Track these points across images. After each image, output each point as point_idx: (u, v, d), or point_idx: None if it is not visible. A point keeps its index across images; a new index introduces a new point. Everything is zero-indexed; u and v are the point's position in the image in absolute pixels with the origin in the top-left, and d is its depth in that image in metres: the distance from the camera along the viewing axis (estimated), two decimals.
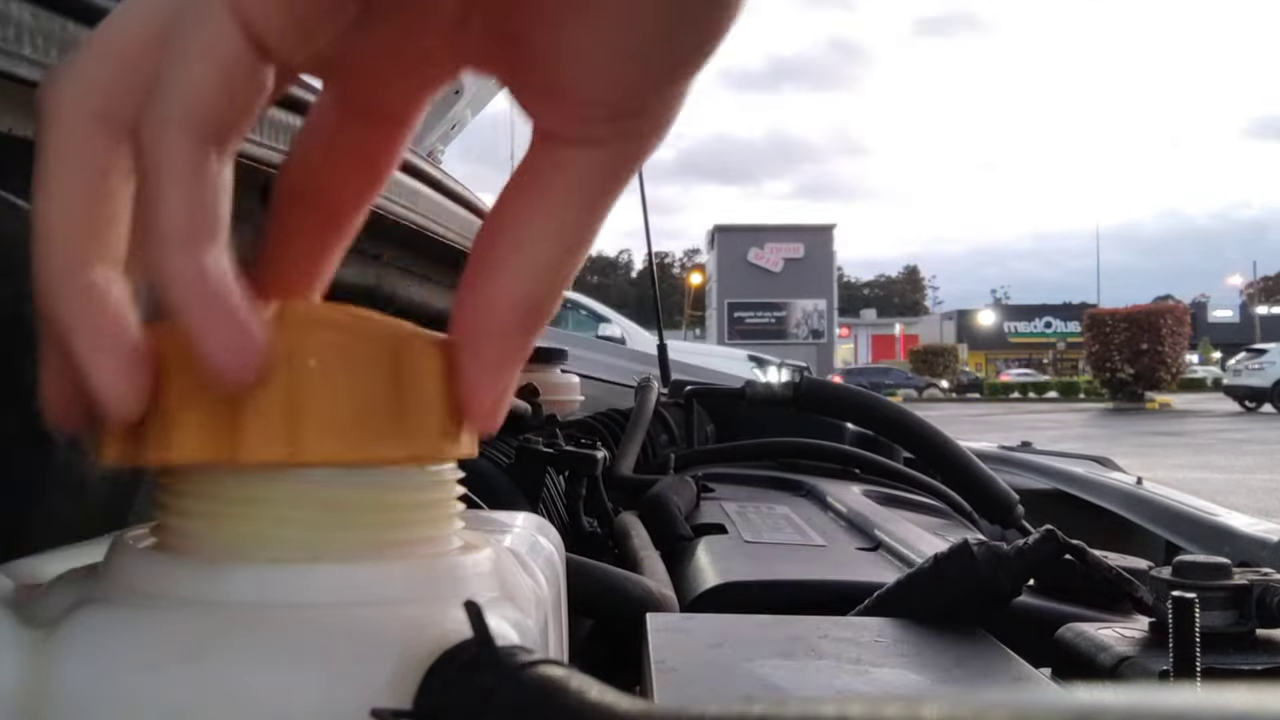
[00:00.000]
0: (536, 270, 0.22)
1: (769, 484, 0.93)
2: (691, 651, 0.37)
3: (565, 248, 0.22)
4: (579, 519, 0.75)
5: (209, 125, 0.19)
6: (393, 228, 0.58)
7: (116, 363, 0.19)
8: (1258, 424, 14.15)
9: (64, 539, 0.27)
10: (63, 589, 0.21)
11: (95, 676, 0.18)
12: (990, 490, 0.92)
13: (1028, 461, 1.33)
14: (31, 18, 0.27)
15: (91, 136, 0.19)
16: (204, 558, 0.20)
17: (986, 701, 0.12)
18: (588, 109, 0.21)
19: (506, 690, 0.17)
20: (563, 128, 0.21)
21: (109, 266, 0.19)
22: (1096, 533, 1.08)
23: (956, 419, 15.09)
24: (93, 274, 0.19)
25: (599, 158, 0.21)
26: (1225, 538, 0.88)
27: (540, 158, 0.22)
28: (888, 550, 0.63)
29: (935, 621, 0.43)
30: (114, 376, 0.19)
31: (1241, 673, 0.39)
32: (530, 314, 0.22)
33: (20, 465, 0.29)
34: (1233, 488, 6.15)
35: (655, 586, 0.52)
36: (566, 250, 0.22)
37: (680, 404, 1.29)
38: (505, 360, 0.22)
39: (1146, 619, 0.43)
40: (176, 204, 0.18)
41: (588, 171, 0.21)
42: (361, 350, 0.20)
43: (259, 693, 0.18)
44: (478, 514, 0.34)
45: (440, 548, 0.22)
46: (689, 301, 35.13)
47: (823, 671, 0.36)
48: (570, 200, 0.22)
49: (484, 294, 0.22)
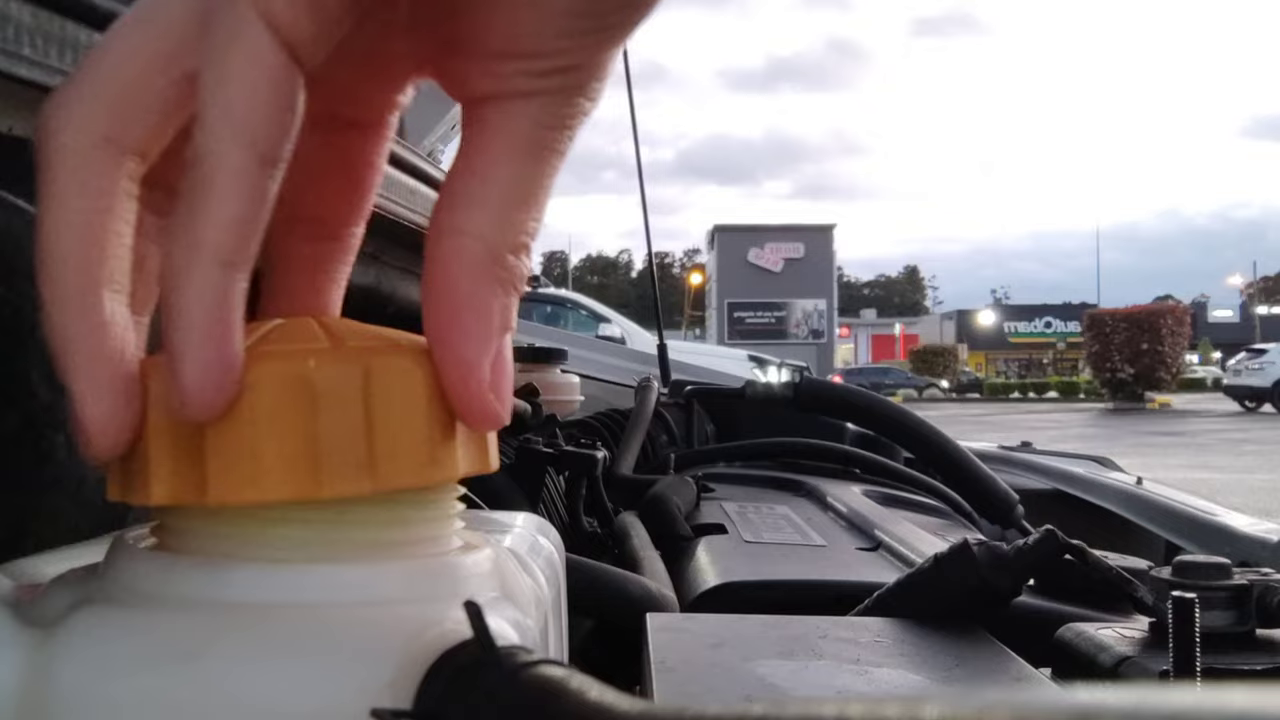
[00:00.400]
0: (490, 224, 0.21)
1: (769, 484, 0.93)
2: (691, 651, 0.38)
3: (516, 201, 0.21)
4: (579, 519, 0.75)
5: (263, 140, 0.19)
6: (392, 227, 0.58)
7: (103, 397, 0.19)
8: (1258, 424, 14.15)
9: (64, 539, 0.27)
10: (63, 589, 0.21)
11: (95, 676, 0.18)
12: (990, 490, 0.92)
13: (1028, 461, 1.33)
14: (31, 18, 0.27)
15: (96, 160, 0.19)
16: (204, 558, 0.20)
17: (986, 701, 0.12)
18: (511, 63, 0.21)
19: (506, 690, 0.17)
20: (490, 86, 0.21)
21: (111, 292, 0.19)
22: (1096, 533, 1.08)
23: (956, 419, 15.09)
24: (92, 301, 0.19)
25: (529, 108, 0.21)
26: (1225, 538, 0.88)
27: (472, 123, 0.22)
28: (888, 550, 0.63)
29: (935, 621, 0.43)
30: (98, 410, 0.19)
31: (1241, 673, 0.39)
32: (495, 270, 0.21)
33: (20, 465, 0.29)
34: (1233, 488, 6.16)
35: (655, 586, 0.52)
36: (518, 203, 0.21)
37: (680, 404, 1.29)
38: (482, 333, 0.21)
39: (1146, 619, 0.43)
40: (222, 218, 0.18)
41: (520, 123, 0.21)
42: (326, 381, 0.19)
43: (259, 693, 0.18)
44: (478, 514, 0.34)
45: (440, 548, 0.22)
46: (689, 301, 35.13)
47: (823, 671, 0.36)
48: (509, 152, 0.21)
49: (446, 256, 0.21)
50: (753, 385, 1.12)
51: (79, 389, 0.19)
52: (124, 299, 0.20)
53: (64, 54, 0.28)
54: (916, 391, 29.82)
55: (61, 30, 0.29)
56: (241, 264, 0.19)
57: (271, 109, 0.19)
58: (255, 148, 0.18)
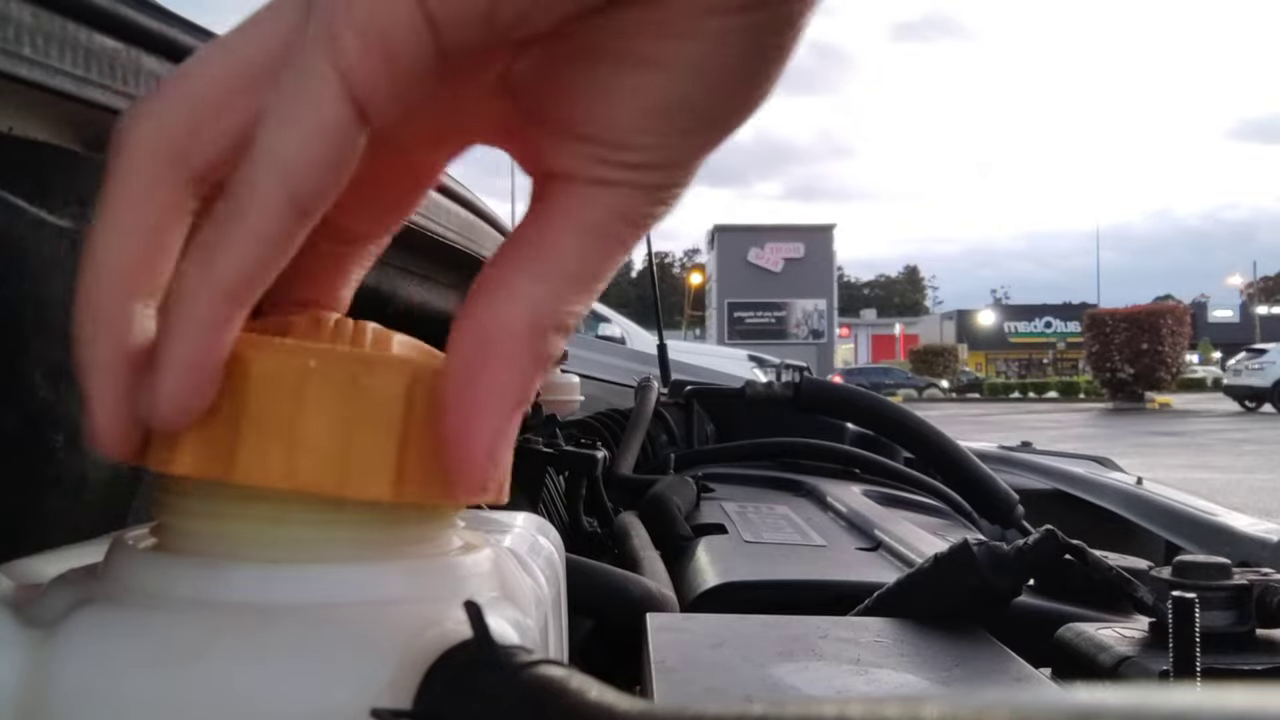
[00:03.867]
0: (542, 296, 0.21)
1: (769, 484, 0.94)
2: (691, 651, 0.38)
3: (572, 281, 0.21)
4: (579, 519, 0.75)
5: (304, 190, 0.18)
6: None
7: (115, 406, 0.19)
8: (1258, 424, 14.15)
9: (64, 539, 0.27)
10: (63, 589, 0.21)
11: (95, 676, 0.18)
12: (990, 490, 0.92)
13: (1028, 461, 1.33)
14: (32, 18, 0.27)
15: (161, 177, 0.19)
16: (204, 558, 0.20)
17: (986, 701, 0.12)
18: (598, 149, 0.21)
19: (506, 690, 0.17)
20: (570, 167, 0.21)
21: (144, 305, 0.20)
22: (1096, 533, 1.08)
23: (956, 419, 15.09)
24: (123, 311, 0.19)
25: (605, 196, 0.21)
26: (1225, 538, 0.88)
27: (544, 198, 0.22)
28: (888, 550, 0.63)
29: (935, 621, 0.43)
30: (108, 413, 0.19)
31: (1241, 673, 0.39)
32: (531, 342, 0.21)
33: (20, 465, 0.29)
34: (1233, 488, 6.16)
35: (655, 586, 0.52)
36: (573, 284, 0.21)
37: (680, 404, 1.29)
38: (501, 397, 0.20)
39: (1146, 619, 0.43)
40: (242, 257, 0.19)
41: (593, 209, 0.21)
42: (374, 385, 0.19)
43: (259, 693, 0.18)
44: (478, 514, 0.34)
45: (440, 548, 0.22)
46: (689, 301, 35.13)
47: (823, 671, 0.36)
48: (577, 235, 0.21)
49: (482, 319, 0.21)
50: (753, 385, 1.12)
51: (93, 392, 0.19)
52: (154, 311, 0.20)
53: (64, 54, 0.28)
54: (916, 391, 29.82)
55: (62, 30, 0.29)
56: (248, 300, 0.19)
57: (322, 162, 0.18)
58: (295, 197, 0.18)
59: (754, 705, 0.15)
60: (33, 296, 0.26)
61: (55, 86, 0.27)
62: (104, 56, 0.29)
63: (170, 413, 0.19)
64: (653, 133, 0.21)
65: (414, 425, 0.20)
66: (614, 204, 0.21)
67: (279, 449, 0.19)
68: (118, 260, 0.19)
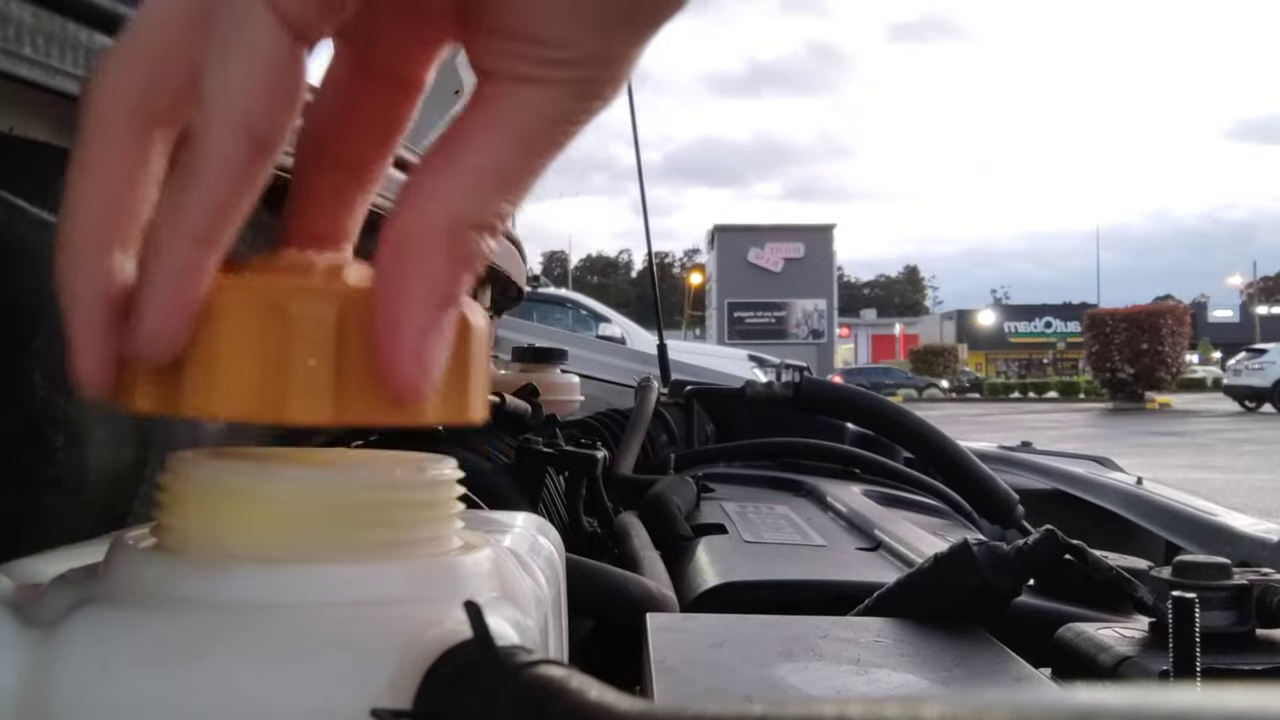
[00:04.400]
0: (461, 195, 0.21)
1: (769, 484, 0.93)
2: (691, 651, 0.38)
3: (494, 181, 0.21)
4: (579, 519, 0.75)
5: (256, 122, 0.19)
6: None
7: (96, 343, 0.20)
8: (1258, 424, 14.15)
9: (64, 539, 0.27)
10: (63, 589, 0.21)
11: (95, 676, 0.18)
12: (990, 490, 0.92)
13: (1028, 461, 1.33)
14: (32, 18, 0.27)
15: (126, 126, 0.20)
16: (204, 558, 0.20)
17: (986, 701, 0.12)
18: (530, 47, 0.21)
19: (506, 690, 0.17)
20: (494, 65, 0.21)
21: (121, 246, 0.20)
22: (1096, 533, 1.08)
23: (956, 419, 15.09)
24: (106, 259, 0.20)
25: (529, 95, 0.21)
26: (1225, 538, 0.88)
27: (481, 94, 0.22)
28: (888, 550, 0.63)
29: (935, 621, 0.43)
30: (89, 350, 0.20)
31: (1241, 673, 0.39)
32: (451, 239, 0.20)
33: (20, 465, 0.29)
34: (1233, 488, 6.15)
35: (655, 586, 0.52)
36: (495, 184, 0.21)
37: (680, 404, 1.29)
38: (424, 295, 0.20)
39: (1146, 619, 0.43)
40: (205, 201, 0.19)
41: (517, 108, 0.21)
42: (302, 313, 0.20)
43: (259, 693, 0.18)
44: (478, 514, 0.34)
45: (440, 548, 0.22)
46: (689, 301, 35.13)
47: (823, 671, 0.36)
48: (500, 134, 0.21)
49: (403, 220, 0.21)
50: (753, 385, 1.12)
51: (75, 332, 0.20)
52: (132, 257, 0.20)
53: (64, 54, 0.28)
54: (916, 391, 29.82)
55: (62, 30, 0.29)
56: (217, 242, 0.20)
57: (268, 90, 0.19)
58: (249, 129, 0.19)
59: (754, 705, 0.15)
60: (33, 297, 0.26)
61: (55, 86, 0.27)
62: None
63: (152, 353, 0.20)
64: (568, 26, 0.21)
65: (350, 349, 0.20)
66: (539, 102, 0.21)
67: (216, 381, 0.19)
68: (92, 207, 0.20)
